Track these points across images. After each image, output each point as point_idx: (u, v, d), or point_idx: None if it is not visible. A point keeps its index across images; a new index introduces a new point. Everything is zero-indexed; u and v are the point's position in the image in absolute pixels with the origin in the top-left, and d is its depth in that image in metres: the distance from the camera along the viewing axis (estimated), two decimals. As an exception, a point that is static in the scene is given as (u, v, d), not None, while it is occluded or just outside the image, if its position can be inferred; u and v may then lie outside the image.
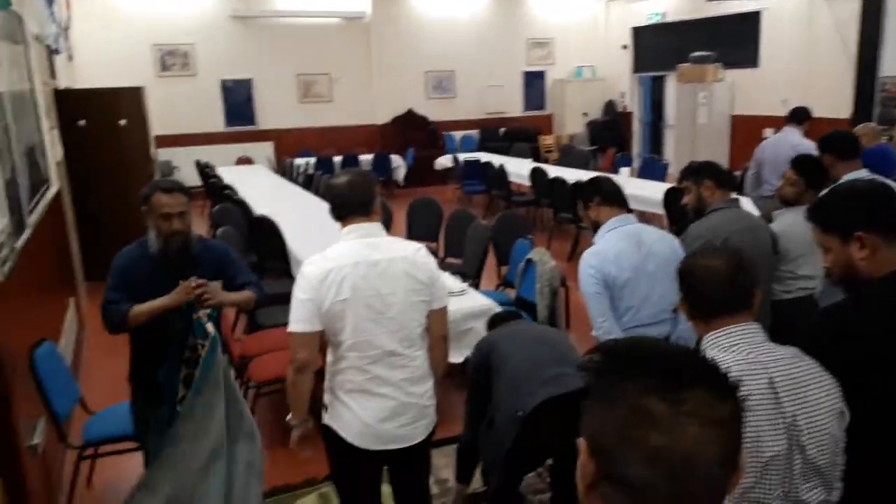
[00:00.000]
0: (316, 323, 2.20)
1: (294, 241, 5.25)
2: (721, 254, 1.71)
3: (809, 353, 1.61)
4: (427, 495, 2.56)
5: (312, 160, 11.19)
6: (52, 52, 6.55)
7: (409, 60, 13.49)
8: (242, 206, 6.54)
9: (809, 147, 4.78)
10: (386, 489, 2.56)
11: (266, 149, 12.63)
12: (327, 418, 2.33)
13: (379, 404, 2.26)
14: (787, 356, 1.58)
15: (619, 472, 0.80)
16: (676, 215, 6.05)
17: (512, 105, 14.67)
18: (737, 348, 1.59)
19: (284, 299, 2.35)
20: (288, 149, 12.59)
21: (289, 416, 2.34)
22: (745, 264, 1.68)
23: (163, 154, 10.46)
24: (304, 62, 12.87)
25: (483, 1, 13.99)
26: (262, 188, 8.34)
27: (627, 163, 10.18)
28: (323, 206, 7.11)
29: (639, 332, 2.78)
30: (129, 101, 7.14)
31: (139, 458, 2.94)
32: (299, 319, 2.19)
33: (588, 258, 2.81)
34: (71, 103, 6.76)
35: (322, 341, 2.29)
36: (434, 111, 13.78)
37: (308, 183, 9.36)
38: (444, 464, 3.56)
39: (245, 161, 12.05)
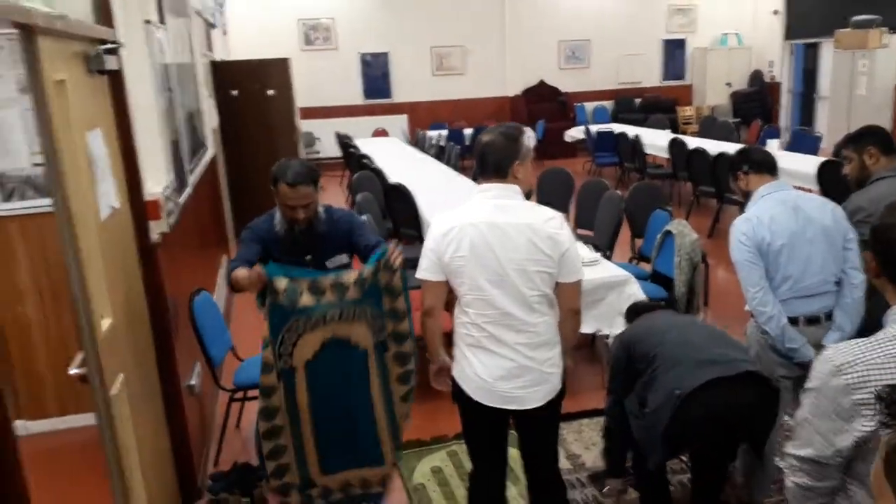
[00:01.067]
0: (438, 273, 2.28)
1: (426, 208, 5.36)
2: None
3: None
4: (554, 463, 2.51)
5: (444, 132, 11.33)
6: (209, 26, 7.01)
7: (543, 30, 13.27)
8: (379, 175, 6.74)
9: None
10: (514, 453, 2.57)
11: (400, 121, 12.92)
12: (453, 369, 2.39)
13: (496, 362, 2.26)
14: None
15: None
16: (832, 191, 5.60)
17: (649, 75, 14.11)
18: None
19: (413, 265, 2.42)
20: (421, 121, 12.82)
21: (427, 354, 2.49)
22: None
23: (305, 126, 10.97)
24: (438, 34, 12.99)
25: (622, -33, 13.49)
26: (396, 158, 8.57)
27: (775, 135, 9.52)
28: (453, 176, 7.22)
29: (797, 304, 2.61)
30: (276, 72, 7.55)
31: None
32: (423, 268, 2.30)
33: (739, 224, 2.66)
34: (225, 74, 7.25)
35: (451, 295, 2.35)
36: (566, 82, 13.51)
37: (440, 154, 9.50)
38: (573, 439, 3.55)
39: (381, 133, 12.39)
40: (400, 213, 5.62)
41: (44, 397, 3.76)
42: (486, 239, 2.18)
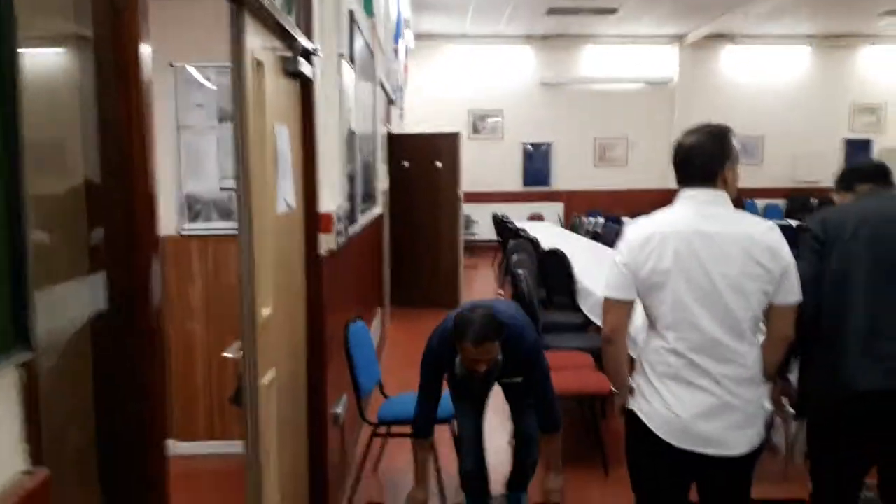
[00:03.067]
0: (629, 291, 2.01)
1: (581, 274, 5.16)
2: None
3: None
4: None
5: (601, 220, 11.14)
6: (389, 101, 7.45)
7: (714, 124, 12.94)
8: (535, 245, 6.66)
9: None
10: None
11: (556, 208, 12.94)
12: (632, 402, 2.08)
13: (695, 397, 1.93)
14: None
15: None
16: None
17: (828, 174, 13.11)
18: None
19: (567, 328, 2.24)
20: (577, 209, 12.74)
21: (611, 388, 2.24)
22: None
23: (464, 209, 11.23)
24: (602, 126, 13.07)
25: (801, 64, 13.04)
26: (551, 234, 8.51)
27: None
28: (610, 251, 6.95)
29: None
30: (445, 146, 7.86)
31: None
32: (613, 285, 2.04)
33: None
34: (398, 146, 7.67)
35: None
36: (736, 178, 12.92)
37: (596, 238, 9.32)
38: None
39: (536, 217, 12.45)
40: (554, 278, 5.47)
41: (196, 418, 3.84)
42: (694, 250, 1.92)
